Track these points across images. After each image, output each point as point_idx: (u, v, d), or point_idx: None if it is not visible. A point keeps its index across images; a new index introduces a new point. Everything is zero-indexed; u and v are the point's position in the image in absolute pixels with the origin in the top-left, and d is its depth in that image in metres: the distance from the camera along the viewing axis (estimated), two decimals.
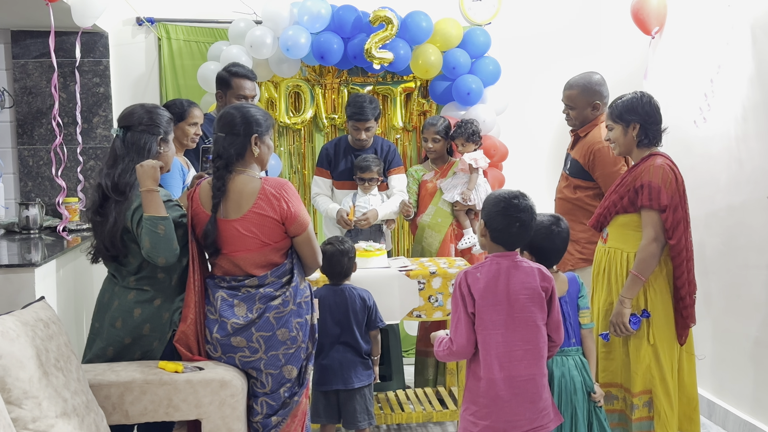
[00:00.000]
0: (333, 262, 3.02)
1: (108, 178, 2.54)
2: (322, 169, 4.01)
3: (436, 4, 4.34)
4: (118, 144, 2.59)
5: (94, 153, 4.37)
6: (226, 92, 3.52)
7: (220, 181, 2.48)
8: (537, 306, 2.31)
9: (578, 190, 3.45)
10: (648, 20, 4.08)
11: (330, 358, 3.00)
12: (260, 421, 2.58)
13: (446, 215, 3.90)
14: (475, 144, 3.88)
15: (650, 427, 2.88)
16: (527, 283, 2.31)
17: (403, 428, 3.73)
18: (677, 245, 2.79)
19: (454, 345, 2.32)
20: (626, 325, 2.82)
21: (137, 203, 2.48)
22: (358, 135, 3.85)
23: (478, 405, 2.32)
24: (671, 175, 2.80)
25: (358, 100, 3.83)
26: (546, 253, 2.59)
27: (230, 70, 3.52)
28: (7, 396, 1.91)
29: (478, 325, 2.29)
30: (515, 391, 2.29)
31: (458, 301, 2.31)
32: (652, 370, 2.85)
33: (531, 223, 2.33)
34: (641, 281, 2.82)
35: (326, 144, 4.10)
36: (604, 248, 3.00)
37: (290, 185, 2.57)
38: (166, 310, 2.57)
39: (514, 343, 2.29)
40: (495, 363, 2.28)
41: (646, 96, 2.89)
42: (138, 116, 2.60)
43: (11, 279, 2.81)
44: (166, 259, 2.43)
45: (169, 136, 2.68)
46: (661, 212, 2.77)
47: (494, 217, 2.32)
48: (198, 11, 4.45)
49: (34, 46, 4.23)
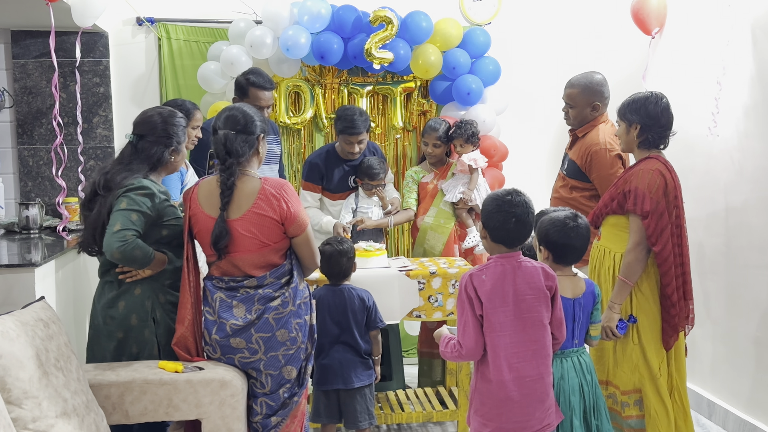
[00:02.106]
0: (332, 262, 3.02)
1: (104, 176, 2.58)
2: (311, 184, 3.89)
3: (436, 4, 4.34)
4: (129, 149, 2.63)
5: (94, 153, 4.37)
6: (242, 99, 3.53)
7: (231, 179, 2.47)
8: (543, 305, 2.32)
9: (574, 190, 3.45)
10: (648, 20, 4.08)
11: (330, 357, 3.01)
12: (260, 421, 2.58)
13: (448, 216, 3.89)
14: (473, 145, 3.88)
15: (641, 425, 2.89)
16: (533, 282, 2.31)
17: (403, 428, 3.73)
18: (662, 252, 2.77)
19: (463, 348, 2.32)
20: (614, 330, 2.83)
21: (119, 192, 2.52)
22: (351, 149, 3.79)
23: (488, 406, 2.32)
24: (660, 181, 2.78)
25: (348, 114, 3.75)
26: (562, 249, 2.55)
27: (249, 78, 3.51)
28: (7, 396, 1.91)
29: (487, 327, 2.29)
30: (525, 391, 2.29)
31: (465, 303, 2.31)
32: (640, 368, 2.86)
33: (527, 218, 2.33)
34: (629, 286, 2.83)
35: (312, 157, 3.95)
36: (597, 246, 3.02)
37: (290, 186, 2.57)
38: (147, 298, 2.59)
39: (521, 343, 2.30)
40: (504, 364, 2.28)
41: (654, 97, 2.85)
42: (153, 125, 2.63)
43: (11, 279, 2.81)
44: (106, 252, 2.45)
45: (182, 145, 2.71)
46: (644, 218, 2.77)
47: (490, 215, 2.34)
48: (198, 11, 4.45)
49: (34, 46, 4.23)
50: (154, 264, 2.55)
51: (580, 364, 2.56)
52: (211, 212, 2.51)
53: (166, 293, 2.62)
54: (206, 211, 2.51)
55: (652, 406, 2.84)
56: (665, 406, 2.84)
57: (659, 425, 2.83)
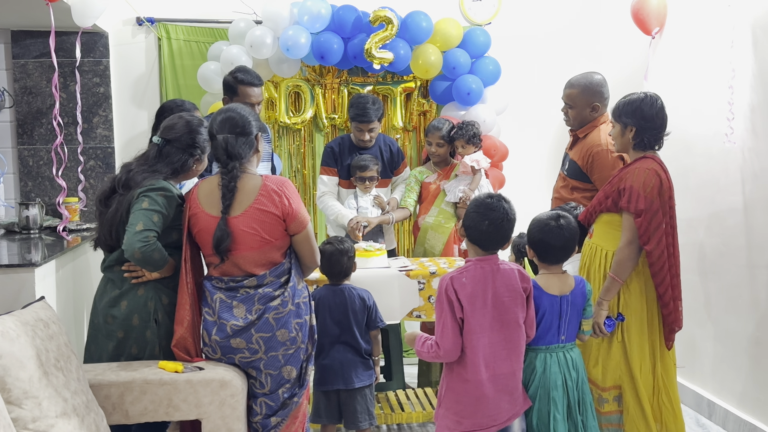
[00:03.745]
0: (333, 261, 3.02)
1: (126, 173, 2.61)
2: (328, 167, 3.96)
3: (436, 4, 4.34)
4: (154, 152, 2.65)
5: (94, 153, 4.37)
6: (232, 98, 3.53)
7: (233, 182, 2.48)
8: (519, 306, 2.42)
9: (575, 191, 3.45)
10: (648, 20, 4.07)
11: (330, 357, 3.00)
12: (259, 421, 2.58)
13: (449, 216, 3.89)
14: (475, 146, 3.88)
15: (619, 421, 2.91)
16: (510, 285, 2.40)
17: (403, 428, 3.73)
18: (654, 251, 2.77)
19: (441, 350, 2.37)
20: (601, 326, 2.84)
21: (139, 191, 2.54)
22: (362, 136, 3.85)
23: (463, 404, 2.39)
24: (655, 180, 2.77)
25: (360, 102, 3.82)
26: (544, 248, 2.59)
27: (236, 76, 3.50)
28: (7, 396, 1.91)
29: (466, 330, 2.35)
30: (498, 387, 2.38)
31: (444, 306, 2.36)
32: (621, 366, 2.87)
33: (502, 223, 2.38)
34: (618, 283, 2.82)
35: (330, 142, 4.06)
36: (589, 243, 3.02)
37: (291, 183, 2.59)
38: (150, 299, 2.59)
39: (498, 343, 2.38)
40: (481, 364, 2.35)
41: (649, 99, 2.84)
42: (179, 133, 2.64)
43: (11, 279, 2.81)
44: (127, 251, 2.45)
45: (206, 155, 2.75)
46: (637, 216, 2.77)
47: (468, 214, 2.44)
48: (198, 11, 4.45)
49: (34, 46, 4.23)
50: (166, 269, 2.56)
51: (565, 359, 2.58)
52: (212, 211, 2.51)
53: (168, 295, 2.62)
54: (207, 210, 2.51)
55: (630, 404, 2.86)
56: (641, 405, 2.84)
57: (637, 424, 2.84)
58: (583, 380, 2.60)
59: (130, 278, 2.59)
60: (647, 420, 2.84)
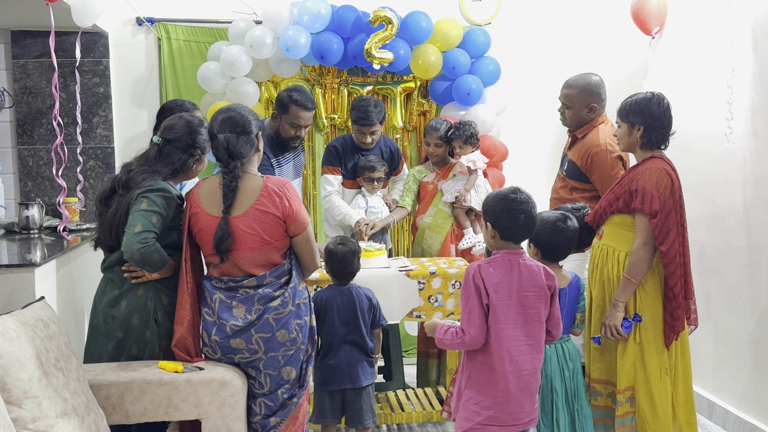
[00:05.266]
0: (345, 262, 3.01)
1: (126, 173, 2.61)
2: (332, 166, 3.95)
3: (436, 4, 4.34)
4: (154, 152, 2.65)
5: (94, 153, 4.37)
6: (281, 115, 3.59)
7: (235, 182, 2.48)
8: (543, 302, 2.42)
9: (574, 191, 3.45)
10: (648, 20, 4.08)
11: (337, 358, 2.98)
12: (259, 421, 2.58)
13: (446, 216, 3.89)
14: (472, 146, 3.88)
15: (633, 422, 2.90)
16: (535, 281, 2.40)
17: (403, 428, 3.72)
18: (669, 251, 2.78)
19: (466, 336, 2.37)
20: (618, 328, 2.84)
21: (138, 192, 2.54)
22: (364, 139, 3.86)
23: (485, 395, 2.39)
24: (667, 181, 2.79)
25: (363, 105, 3.82)
26: (549, 247, 2.76)
27: (291, 95, 3.55)
28: (7, 396, 1.91)
29: (492, 318, 2.35)
30: (521, 384, 2.39)
31: (472, 292, 2.36)
32: (636, 368, 2.87)
33: (534, 212, 2.43)
34: (634, 284, 2.83)
35: (332, 142, 4.06)
36: (599, 245, 3.02)
37: (291, 184, 2.59)
38: (150, 299, 2.59)
39: (520, 337, 2.39)
40: (506, 356, 2.36)
41: (656, 98, 2.85)
42: (179, 133, 2.65)
43: (11, 279, 2.81)
44: (126, 252, 2.45)
45: (206, 155, 2.75)
46: (652, 218, 2.77)
47: (500, 216, 2.39)
48: (198, 11, 4.45)
49: (34, 46, 4.23)
50: (166, 269, 2.56)
51: (563, 351, 2.73)
52: (213, 211, 2.51)
53: (168, 295, 2.62)
54: (207, 210, 2.51)
55: (642, 405, 2.85)
56: (655, 407, 2.84)
57: (646, 425, 2.84)
58: (577, 371, 2.74)
59: (130, 278, 2.59)
60: (659, 421, 2.84)
